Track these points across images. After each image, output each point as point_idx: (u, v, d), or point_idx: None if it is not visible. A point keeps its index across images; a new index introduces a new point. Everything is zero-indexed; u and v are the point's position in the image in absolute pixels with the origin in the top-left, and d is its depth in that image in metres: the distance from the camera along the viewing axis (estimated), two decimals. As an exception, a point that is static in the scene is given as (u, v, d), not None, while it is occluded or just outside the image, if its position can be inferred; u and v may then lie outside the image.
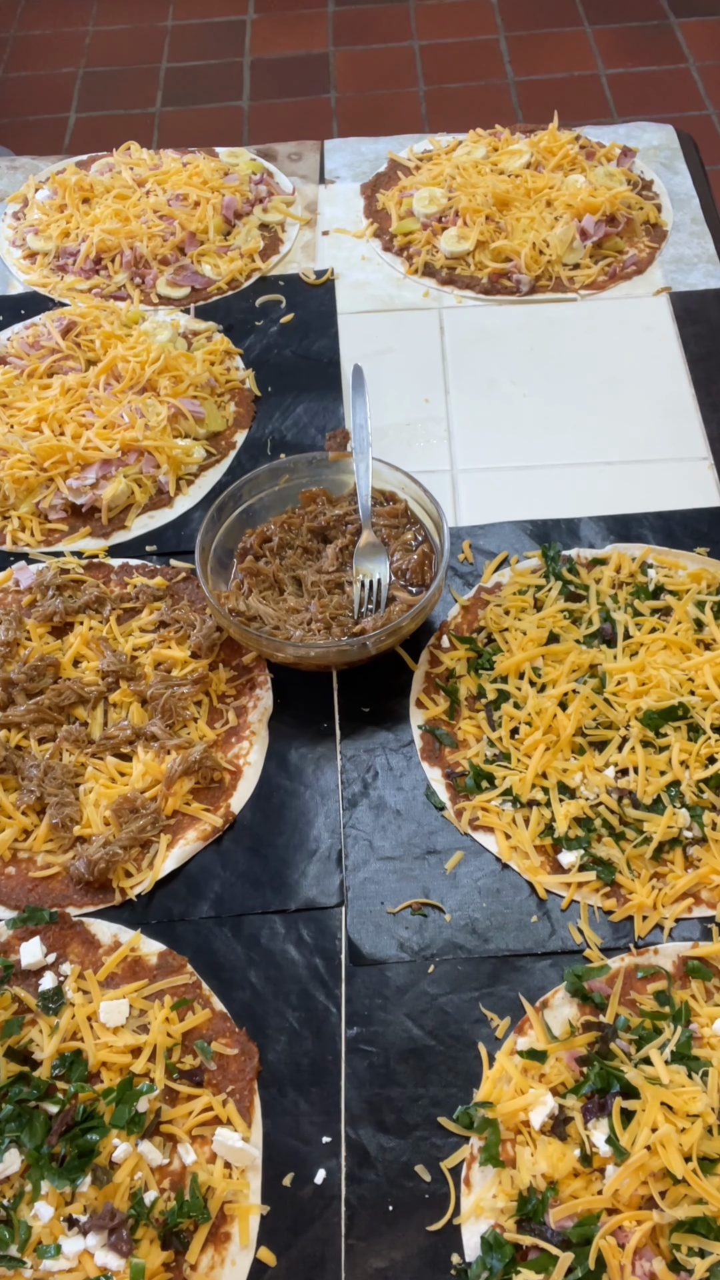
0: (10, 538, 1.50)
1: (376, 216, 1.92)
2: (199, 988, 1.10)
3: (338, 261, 1.85)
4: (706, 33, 3.55)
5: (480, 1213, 0.96)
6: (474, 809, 1.21)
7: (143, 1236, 0.95)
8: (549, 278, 1.79)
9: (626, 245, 1.82)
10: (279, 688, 1.32)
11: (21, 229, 1.92)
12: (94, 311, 1.71)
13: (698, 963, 1.08)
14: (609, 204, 1.81)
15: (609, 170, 1.89)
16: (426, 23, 4.15)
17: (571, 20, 3.91)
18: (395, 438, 1.60)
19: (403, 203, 1.90)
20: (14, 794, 1.23)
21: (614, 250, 1.82)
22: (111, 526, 1.50)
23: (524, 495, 1.52)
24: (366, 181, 1.99)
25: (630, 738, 1.23)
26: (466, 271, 1.80)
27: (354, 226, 1.91)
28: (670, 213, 1.87)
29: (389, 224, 1.90)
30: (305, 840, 1.21)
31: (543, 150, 1.93)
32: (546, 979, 1.10)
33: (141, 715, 1.29)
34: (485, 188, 1.84)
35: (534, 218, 1.81)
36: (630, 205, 1.85)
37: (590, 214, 1.80)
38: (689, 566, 1.39)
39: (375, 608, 1.34)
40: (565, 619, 1.34)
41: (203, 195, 1.90)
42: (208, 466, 1.57)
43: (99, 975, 1.10)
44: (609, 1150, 0.95)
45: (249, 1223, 0.97)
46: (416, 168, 1.97)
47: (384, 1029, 1.07)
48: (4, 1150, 0.99)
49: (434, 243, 1.83)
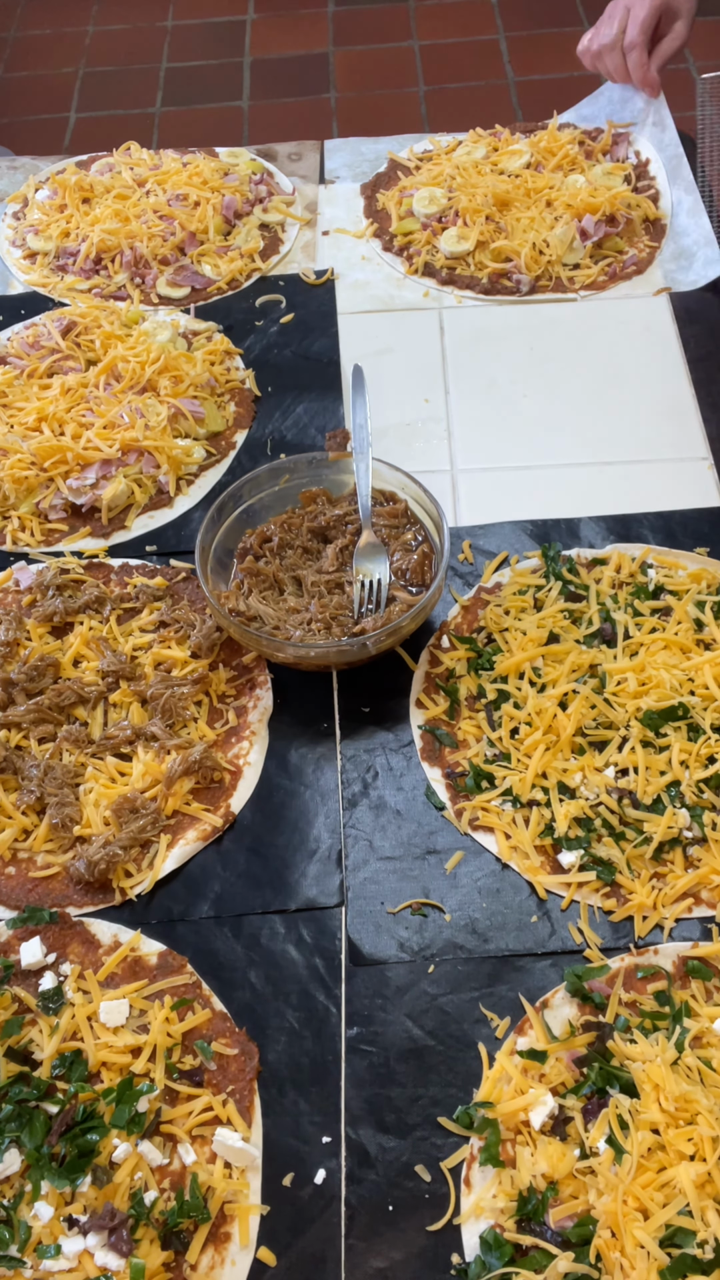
0: (10, 538, 1.50)
1: (377, 216, 1.92)
2: (199, 988, 1.10)
3: (337, 261, 1.85)
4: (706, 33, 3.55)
5: (480, 1213, 0.96)
6: (474, 809, 1.21)
7: (143, 1236, 0.95)
8: (549, 278, 1.79)
9: (626, 245, 1.82)
10: (279, 688, 1.32)
11: (21, 229, 1.92)
12: (94, 311, 1.71)
13: (698, 963, 1.08)
14: (609, 204, 1.81)
15: (606, 169, 1.89)
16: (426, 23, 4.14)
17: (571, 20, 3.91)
18: (395, 438, 1.60)
19: (403, 203, 1.90)
20: (14, 794, 1.23)
21: (614, 250, 1.82)
22: (111, 526, 1.50)
23: (524, 495, 1.52)
24: (366, 182, 1.99)
25: (630, 738, 1.23)
26: (466, 272, 1.80)
27: (354, 227, 1.91)
28: (668, 198, 1.87)
29: (389, 224, 1.90)
30: (305, 840, 1.21)
31: (543, 150, 1.93)
32: (546, 979, 1.10)
33: (141, 715, 1.29)
34: (485, 188, 1.84)
35: (534, 218, 1.81)
36: (630, 204, 1.85)
37: (590, 214, 1.81)
38: (689, 566, 1.39)
39: (375, 608, 1.34)
40: (565, 619, 1.34)
41: (203, 195, 1.90)
42: (208, 466, 1.57)
43: (99, 975, 1.10)
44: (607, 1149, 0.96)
45: (249, 1223, 0.97)
46: (417, 168, 1.97)
47: (384, 1029, 1.07)
48: (4, 1150, 0.99)
49: (434, 243, 1.83)
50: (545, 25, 3.91)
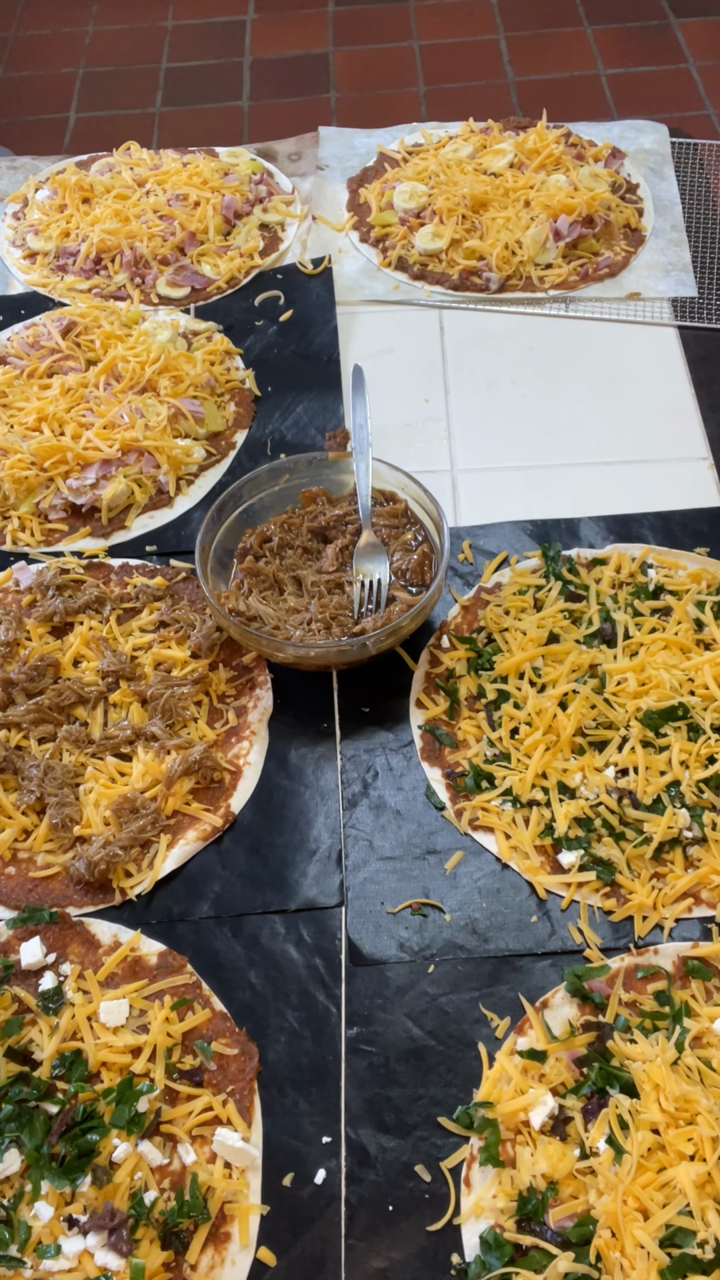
0: (10, 538, 1.50)
1: (358, 210, 1.92)
2: (199, 988, 1.10)
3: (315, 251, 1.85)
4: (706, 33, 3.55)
5: (480, 1213, 0.96)
6: (474, 809, 1.20)
7: (143, 1236, 0.95)
8: (519, 277, 1.79)
9: (603, 248, 1.82)
10: (279, 688, 1.32)
11: (21, 229, 1.92)
12: (94, 311, 1.71)
13: (698, 963, 1.08)
14: (587, 205, 1.80)
15: (594, 171, 1.89)
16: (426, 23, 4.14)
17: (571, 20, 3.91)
18: (395, 438, 1.60)
19: (384, 194, 1.90)
20: (14, 794, 1.23)
21: (589, 251, 1.82)
22: (111, 526, 1.50)
23: (524, 495, 1.52)
24: (354, 175, 1.99)
25: (630, 738, 1.22)
26: (438, 268, 1.80)
27: (336, 219, 1.92)
28: (651, 218, 1.87)
29: (369, 215, 1.90)
30: (305, 840, 1.21)
31: (527, 150, 1.92)
32: (546, 979, 1.09)
33: (141, 715, 1.29)
34: (464, 187, 1.83)
35: (509, 218, 1.81)
36: (610, 207, 1.84)
37: (566, 215, 1.80)
38: (689, 566, 1.39)
39: (375, 608, 1.34)
40: (565, 619, 1.34)
41: (203, 195, 1.90)
42: (208, 466, 1.57)
43: (99, 975, 1.10)
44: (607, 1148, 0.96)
45: (249, 1223, 0.97)
46: (404, 160, 1.98)
47: (384, 1029, 1.07)
48: (4, 1150, 0.99)
49: (410, 239, 1.83)
50: (545, 25, 3.90)
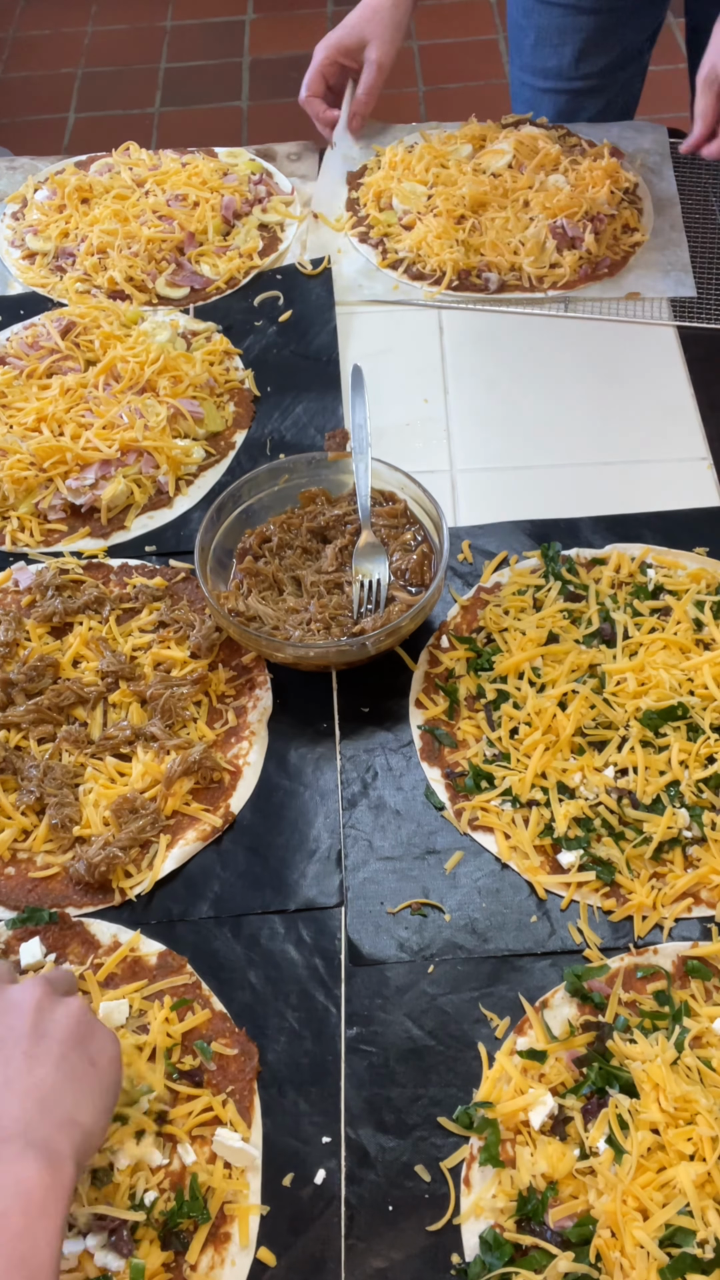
0: (10, 538, 1.50)
1: (357, 210, 1.92)
2: (199, 988, 1.10)
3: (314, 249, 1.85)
4: (706, 32, 3.55)
5: (480, 1213, 0.96)
6: (473, 809, 1.21)
7: (143, 1237, 0.95)
8: (519, 277, 1.79)
9: (602, 248, 1.82)
10: (278, 688, 1.33)
11: (20, 229, 1.92)
12: (93, 312, 1.71)
13: (697, 963, 1.08)
14: (586, 205, 1.80)
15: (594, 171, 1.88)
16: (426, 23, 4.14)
17: (571, 20, 3.90)
18: (395, 438, 1.60)
19: (383, 195, 1.90)
20: (14, 794, 1.23)
21: (588, 251, 1.81)
22: (111, 527, 1.50)
23: (524, 495, 1.52)
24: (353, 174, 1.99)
25: (630, 738, 1.23)
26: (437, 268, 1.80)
27: (334, 216, 1.92)
28: (651, 218, 1.86)
29: (368, 214, 1.90)
30: (305, 840, 1.21)
31: (526, 150, 1.92)
32: (546, 979, 1.10)
33: (141, 715, 1.29)
34: (464, 187, 1.83)
35: (509, 218, 1.81)
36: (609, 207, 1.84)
37: (566, 215, 1.80)
38: (689, 566, 1.39)
39: (375, 608, 1.34)
40: (565, 619, 1.34)
41: (202, 195, 1.90)
42: (207, 467, 1.57)
43: (99, 975, 1.10)
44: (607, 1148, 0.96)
45: (249, 1223, 0.97)
46: (404, 160, 1.97)
47: (384, 1029, 1.07)
48: (4, 1150, 0.99)
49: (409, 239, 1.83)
50: (544, 25, 3.89)
